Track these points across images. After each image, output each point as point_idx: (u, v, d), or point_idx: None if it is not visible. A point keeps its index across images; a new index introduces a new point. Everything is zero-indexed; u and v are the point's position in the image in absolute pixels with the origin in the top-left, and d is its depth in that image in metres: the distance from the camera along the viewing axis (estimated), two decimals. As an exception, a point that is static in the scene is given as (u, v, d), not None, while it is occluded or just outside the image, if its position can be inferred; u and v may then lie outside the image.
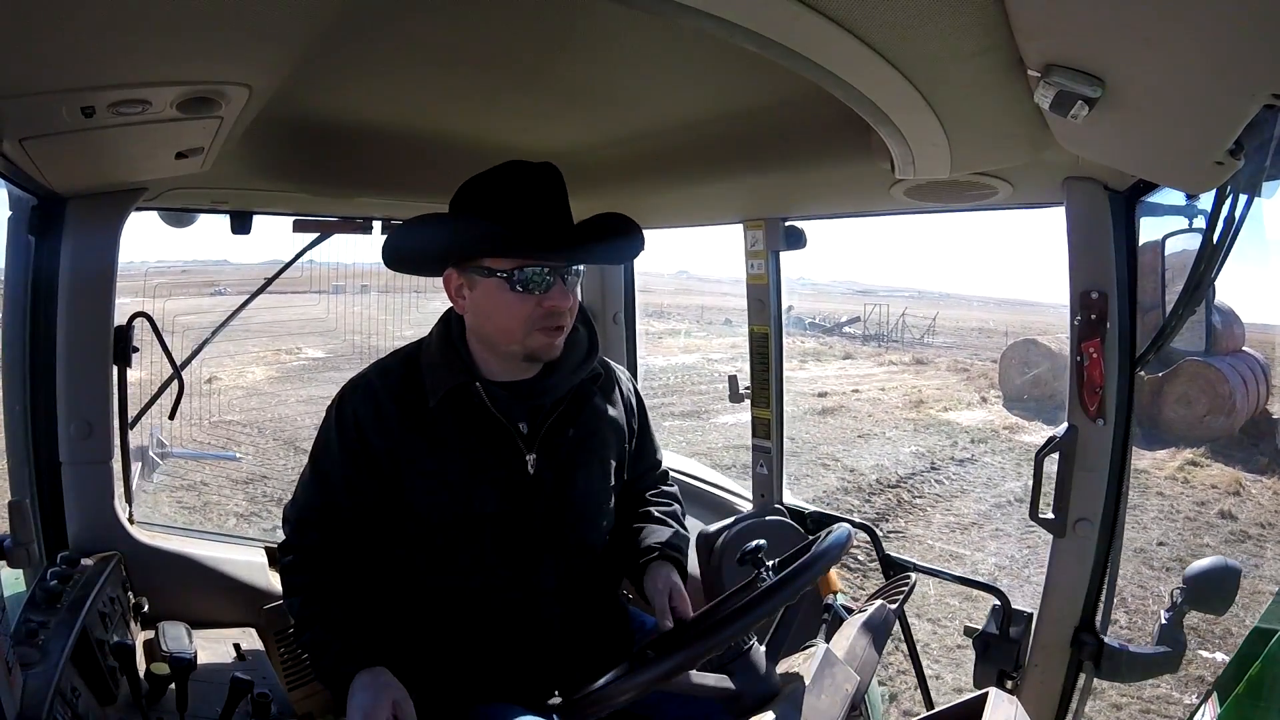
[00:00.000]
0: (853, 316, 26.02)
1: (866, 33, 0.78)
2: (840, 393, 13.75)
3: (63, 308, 1.47)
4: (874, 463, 9.22)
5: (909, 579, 1.44)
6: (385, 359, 1.33)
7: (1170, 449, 9.47)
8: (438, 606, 1.27)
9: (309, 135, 1.46)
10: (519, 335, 1.21)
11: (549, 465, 1.27)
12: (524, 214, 1.19)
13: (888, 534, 6.58)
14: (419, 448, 1.23)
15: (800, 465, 8.91)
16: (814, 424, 11.40)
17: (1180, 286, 1.15)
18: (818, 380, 15.13)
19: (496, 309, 1.21)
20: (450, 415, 1.24)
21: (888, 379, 15.74)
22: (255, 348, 13.60)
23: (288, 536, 1.30)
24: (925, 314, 24.75)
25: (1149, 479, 8.48)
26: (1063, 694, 1.47)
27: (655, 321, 23.90)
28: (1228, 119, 0.75)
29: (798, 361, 17.73)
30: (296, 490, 1.32)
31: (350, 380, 1.31)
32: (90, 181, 1.41)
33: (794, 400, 12.92)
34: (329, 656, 1.17)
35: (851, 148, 1.31)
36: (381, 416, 1.24)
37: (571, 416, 1.30)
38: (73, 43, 0.81)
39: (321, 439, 1.29)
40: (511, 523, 1.25)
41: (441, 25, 1.03)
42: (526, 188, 1.21)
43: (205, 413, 10.01)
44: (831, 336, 23.01)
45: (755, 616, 1.01)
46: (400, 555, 1.27)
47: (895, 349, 20.57)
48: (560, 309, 1.20)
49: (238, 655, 1.56)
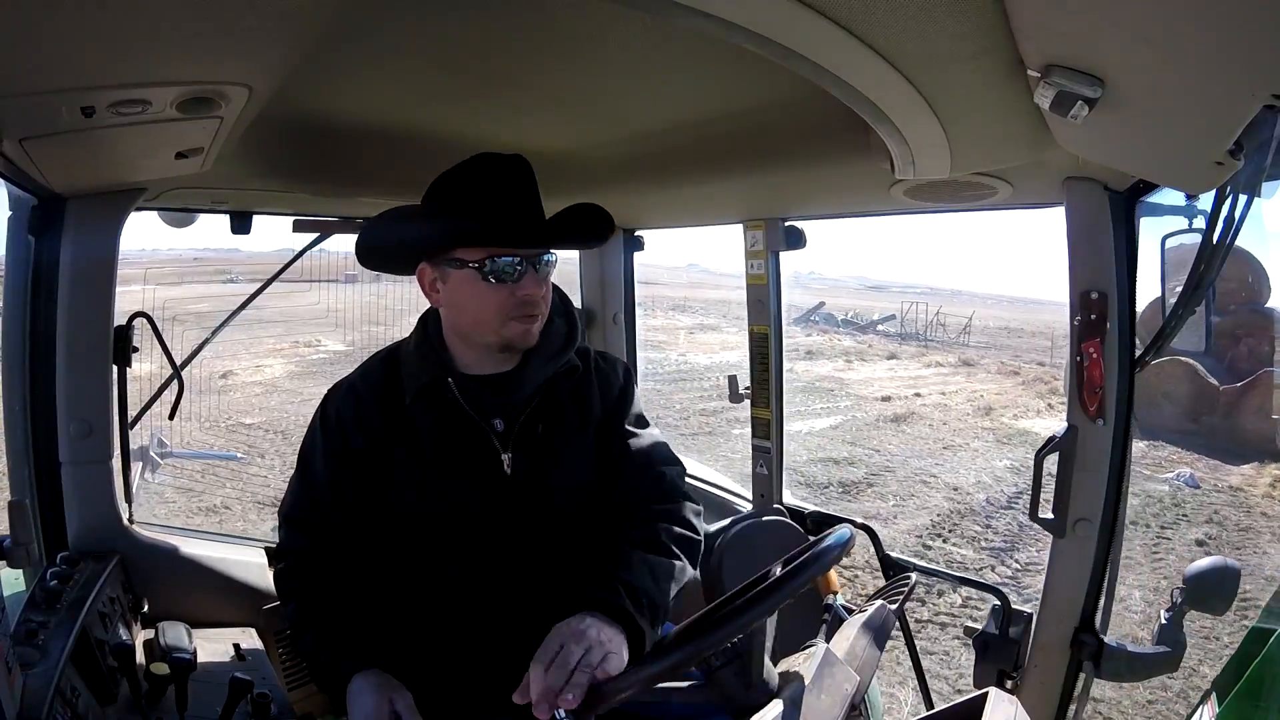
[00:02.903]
0: (886, 314, 25.76)
1: (866, 33, 0.78)
2: (902, 397, 13.04)
3: (62, 307, 1.47)
4: (973, 479, 8.29)
5: (909, 579, 1.44)
6: (369, 359, 1.34)
7: (1254, 464, 8.88)
8: (427, 607, 1.26)
9: (309, 135, 1.46)
10: (494, 325, 1.20)
11: (523, 463, 1.25)
12: (492, 205, 1.19)
13: (1028, 566, 5.73)
14: (397, 446, 1.24)
15: (900, 483, 7.99)
16: (891, 433, 10.51)
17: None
18: (872, 383, 14.47)
19: (470, 300, 1.20)
20: (426, 413, 1.24)
21: (942, 382, 15.04)
22: (271, 340, 13.01)
23: (281, 540, 1.31)
24: (955, 313, 24.48)
25: (1246, 496, 7.88)
26: (1062, 694, 1.47)
27: (681, 316, 23.23)
28: (1228, 119, 0.75)
29: (843, 361, 17.10)
30: (287, 493, 1.32)
31: (336, 382, 1.32)
32: (90, 181, 1.41)
33: (857, 405, 12.32)
34: (325, 660, 1.17)
35: (851, 148, 1.31)
36: (363, 417, 1.25)
37: (544, 412, 1.27)
38: (73, 43, 0.81)
39: (308, 441, 1.30)
40: (491, 522, 1.24)
41: (442, 25, 1.03)
42: (494, 179, 1.21)
43: (220, 414, 9.26)
44: (867, 334, 22.82)
45: (753, 616, 1.00)
46: (388, 556, 1.27)
47: (936, 349, 20.22)
48: (534, 297, 1.20)
49: (238, 655, 1.56)
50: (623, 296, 2.49)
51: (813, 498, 7.25)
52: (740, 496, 2.28)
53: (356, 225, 2.06)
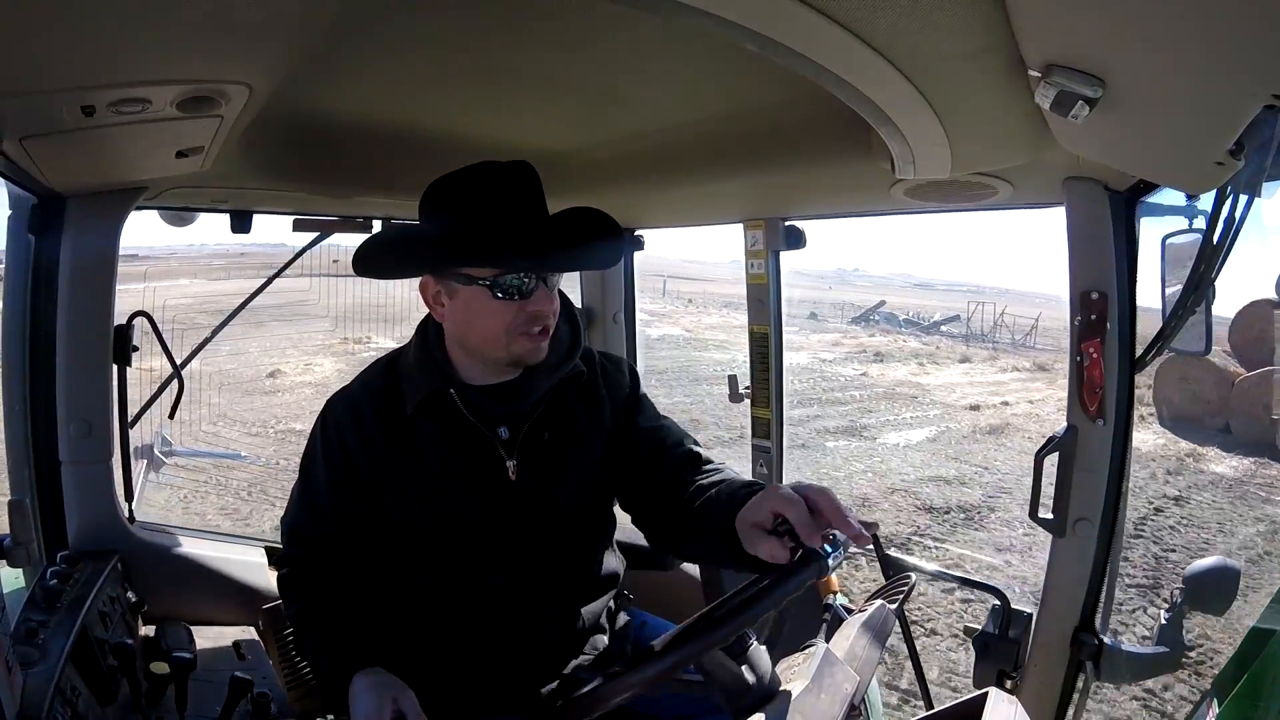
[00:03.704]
0: (949, 314, 24.94)
1: (866, 32, 0.78)
2: (990, 405, 12.13)
3: (63, 306, 1.47)
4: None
5: (909, 579, 1.44)
6: (368, 368, 1.32)
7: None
8: (431, 615, 1.26)
9: (309, 134, 1.46)
10: (503, 341, 1.18)
11: (529, 471, 1.24)
12: (502, 219, 1.16)
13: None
14: (398, 458, 1.22)
15: (1023, 507, 6.59)
16: (991, 447, 9.68)
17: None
18: (953, 388, 13.49)
19: (478, 316, 1.18)
20: (428, 424, 1.22)
21: (1024, 389, 13.95)
22: (320, 335, 12.46)
23: (284, 547, 1.31)
24: (1021, 314, 23.28)
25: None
26: (1062, 694, 1.47)
27: (737, 314, 21.98)
28: (1228, 119, 0.75)
29: (916, 364, 15.93)
30: (289, 502, 1.32)
31: (333, 395, 1.31)
32: (90, 180, 1.41)
33: (947, 414, 11.39)
34: (327, 661, 1.17)
35: (851, 147, 1.31)
36: (362, 429, 1.23)
37: (549, 419, 1.26)
38: (73, 41, 0.81)
39: (309, 453, 1.29)
40: (497, 531, 1.23)
41: (442, 24, 1.03)
42: (503, 191, 1.18)
43: (269, 418, 8.71)
44: (931, 336, 22.01)
45: (752, 615, 1.00)
46: (391, 565, 1.27)
47: (1006, 351, 19.06)
48: (544, 313, 1.17)
49: (238, 655, 1.56)
50: (623, 296, 2.49)
51: (936, 526, 6.63)
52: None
53: (357, 224, 2.06)
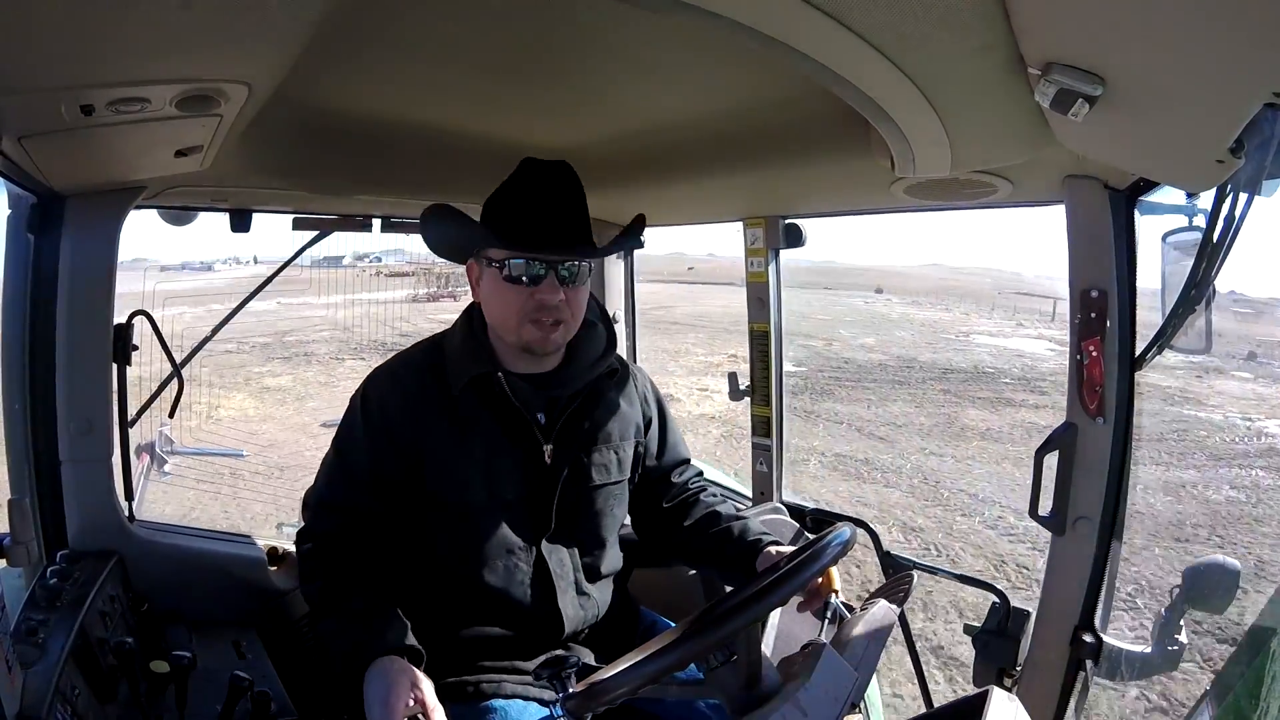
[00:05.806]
0: None
1: (867, 30, 0.78)
2: None
3: (62, 306, 1.47)
4: None
5: (909, 577, 1.44)
6: (406, 350, 1.38)
7: None
8: (454, 593, 1.28)
9: (309, 133, 1.46)
10: (514, 325, 1.25)
11: (564, 456, 1.30)
12: (520, 208, 1.23)
13: None
14: (443, 433, 1.26)
15: None
16: None
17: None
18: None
19: (494, 298, 1.26)
20: (473, 403, 1.28)
21: None
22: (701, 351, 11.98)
23: (308, 523, 1.32)
24: None
25: None
26: (1062, 692, 1.47)
27: None
28: (1228, 117, 0.75)
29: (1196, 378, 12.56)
30: (318, 477, 1.34)
31: (373, 370, 1.35)
32: (90, 179, 1.41)
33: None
34: (344, 644, 1.16)
35: (851, 145, 1.31)
36: (407, 403, 1.28)
37: (587, 410, 1.34)
38: (72, 40, 0.81)
39: (345, 427, 1.32)
40: (529, 510, 1.29)
41: (442, 22, 1.03)
42: (530, 184, 1.26)
43: None
44: None
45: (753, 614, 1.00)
46: (420, 541, 1.29)
47: None
48: (548, 303, 1.22)
49: (238, 655, 1.56)
50: (623, 296, 2.49)
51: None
52: (739, 495, 2.28)
53: (356, 223, 2.07)
